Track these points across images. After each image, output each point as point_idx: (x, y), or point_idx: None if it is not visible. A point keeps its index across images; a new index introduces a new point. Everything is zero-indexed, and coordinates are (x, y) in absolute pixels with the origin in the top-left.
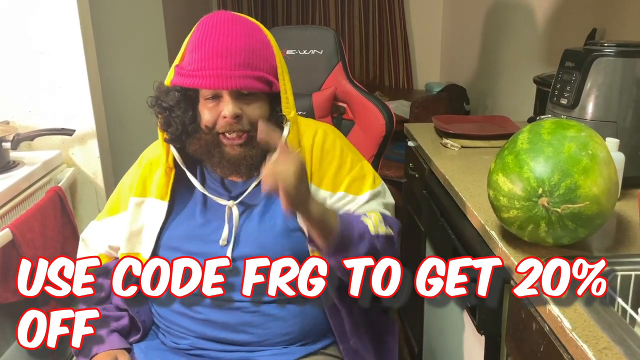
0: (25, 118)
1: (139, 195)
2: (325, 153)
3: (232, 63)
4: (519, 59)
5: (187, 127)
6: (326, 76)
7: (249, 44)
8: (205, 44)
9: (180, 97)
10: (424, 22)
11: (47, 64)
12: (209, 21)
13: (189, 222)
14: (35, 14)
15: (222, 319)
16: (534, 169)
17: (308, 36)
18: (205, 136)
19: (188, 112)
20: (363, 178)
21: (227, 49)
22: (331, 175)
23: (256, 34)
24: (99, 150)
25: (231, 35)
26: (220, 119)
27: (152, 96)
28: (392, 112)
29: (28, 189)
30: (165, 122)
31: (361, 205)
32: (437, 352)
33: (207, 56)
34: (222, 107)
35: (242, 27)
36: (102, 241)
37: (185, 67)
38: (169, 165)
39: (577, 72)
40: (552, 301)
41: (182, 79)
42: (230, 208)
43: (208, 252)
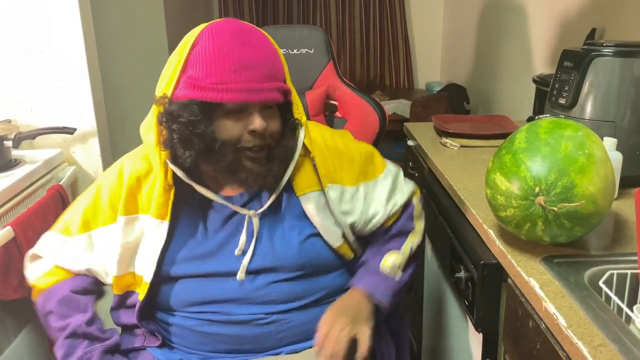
0: (26, 117)
1: (130, 214)
2: (339, 154)
3: (259, 76)
4: (519, 59)
5: (210, 144)
6: (318, 75)
7: (268, 55)
8: (228, 56)
9: (199, 112)
10: (424, 21)
11: (48, 62)
12: (221, 30)
13: (195, 239)
14: (37, 12)
15: (234, 333)
16: (531, 168)
17: (297, 35)
18: (229, 152)
19: (209, 128)
20: (372, 158)
21: (253, 61)
22: (347, 171)
23: (269, 44)
24: (100, 148)
25: (252, 46)
26: (246, 134)
27: (163, 112)
28: (384, 108)
29: (29, 187)
30: (185, 140)
31: (382, 182)
32: (436, 350)
33: (233, 69)
34: (250, 121)
35: (258, 37)
36: (79, 260)
37: (204, 80)
38: (168, 182)
39: (576, 72)
40: (548, 299)
41: (202, 93)
42: (251, 217)
43: (220, 267)
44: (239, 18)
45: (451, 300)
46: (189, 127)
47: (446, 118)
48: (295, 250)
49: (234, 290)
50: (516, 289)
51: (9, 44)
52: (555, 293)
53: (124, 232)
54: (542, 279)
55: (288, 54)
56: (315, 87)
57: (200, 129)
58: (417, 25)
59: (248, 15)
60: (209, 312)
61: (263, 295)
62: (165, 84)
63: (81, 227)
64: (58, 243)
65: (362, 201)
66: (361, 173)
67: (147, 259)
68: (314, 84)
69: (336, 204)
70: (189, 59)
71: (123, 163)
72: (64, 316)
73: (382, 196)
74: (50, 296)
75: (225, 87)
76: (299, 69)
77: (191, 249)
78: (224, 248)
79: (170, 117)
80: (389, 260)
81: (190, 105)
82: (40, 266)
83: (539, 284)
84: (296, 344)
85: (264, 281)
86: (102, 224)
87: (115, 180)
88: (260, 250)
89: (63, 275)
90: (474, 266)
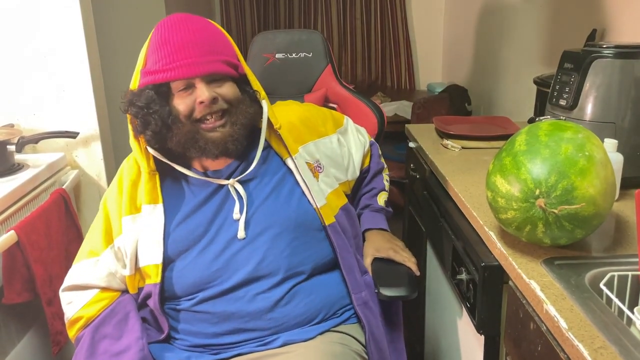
0: (29, 121)
1: (132, 213)
2: (309, 114)
3: (199, 51)
4: (520, 60)
5: (166, 120)
6: (316, 78)
7: (209, 35)
8: (169, 41)
9: (154, 95)
10: (425, 23)
11: (50, 67)
12: (167, 22)
13: (189, 215)
14: (39, 17)
15: (236, 309)
16: (531, 171)
17: (296, 39)
18: (185, 126)
19: (165, 107)
20: (331, 112)
21: (192, 41)
22: (322, 124)
23: (211, 26)
24: (102, 152)
25: (192, 29)
26: (197, 106)
27: (123, 101)
28: (382, 111)
29: (33, 191)
30: (144, 121)
31: (349, 129)
32: (439, 352)
33: (173, 50)
34: (197, 94)
35: (197, 22)
36: (117, 272)
37: (153, 66)
38: (152, 168)
39: (576, 74)
40: (549, 301)
41: (152, 77)
42: (233, 186)
43: (220, 232)
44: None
45: (453, 302)
46: (143, 109)
47: (447, 119)
48: (285, 207)
49: (237, 251)
50: (517, 291)
51: (11, 49)
52: (556, 295)
53: (131, 231)
54: (543, 281)
55: (287, 58)
56: (314, 90)
57: (153, 109)
58: (418, 26)
59: (249, 18)
60: (214, 288)
61: (265, 257)
62: (132, 81)
63: (104, 243)
64: (91, 266)
65: (337, 145)
66: (332, 124)
67: (151, 243)
68: (312, 87)
69: (316, 157)
70: (146, 54)
71: (122, 169)
72: (120, 338)
73: (354, 138)
74: (104, 321)
75: (170, 66)
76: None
77: (188, 224)
78: (219, 216)
79: (129, 104)
80: (381, 199)
81: (144, 90)
82: (80, 297)
83: (540, 286)
84: (297, 328)
85: (262, 239)
86: (117, 235)
87: (116, 193)
88: (254, 211)
89: (110, 298)
90: (475, 268)
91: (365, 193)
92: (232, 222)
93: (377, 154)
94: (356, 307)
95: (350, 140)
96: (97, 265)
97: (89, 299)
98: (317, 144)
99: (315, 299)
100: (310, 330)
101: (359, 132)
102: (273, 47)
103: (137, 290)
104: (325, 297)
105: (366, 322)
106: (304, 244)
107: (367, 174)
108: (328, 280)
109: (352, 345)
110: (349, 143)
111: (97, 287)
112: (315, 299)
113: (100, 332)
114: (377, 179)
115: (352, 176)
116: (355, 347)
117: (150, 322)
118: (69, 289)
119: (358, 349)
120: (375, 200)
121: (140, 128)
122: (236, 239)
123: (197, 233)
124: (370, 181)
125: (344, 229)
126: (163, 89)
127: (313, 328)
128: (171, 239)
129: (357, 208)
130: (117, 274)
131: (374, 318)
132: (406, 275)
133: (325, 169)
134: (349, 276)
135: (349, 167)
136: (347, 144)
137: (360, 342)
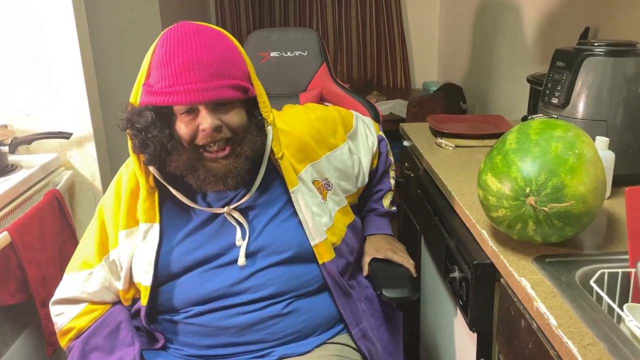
0: (23, 122)
1: (130, 227)
2: (320, 125)
3: (204, 75)
4: (515, 58)
5: (165, 146)
6: (311, 77)
7: (218, 54)
8: (173, 60)
9: (155, 117)
10: (421, 21)
11: (44, 67)
12: (173, 35)
13: (186, 236)
14: (32, 18)
15: (231, 324)
16: (522, 169)
17: (291, 38)
18: (186, 152)
19: (165, 131)
20: (347, 113)
21: (197, 62)
22: (332, 134)
23: (223, 42)
24: (96, 152)
25: (199, 47)
26: (200, 132)
27: (124, 119)
28: (377, 110)
29: (26, 192)
30: (142, 143)
31: (359, 130)
32: (433, 350)
33: (177, 71)
34: (200, 120)
35: (208, 37)
36: (111, 285)
37: (155, 85)
38: (151, 185)
39: (568, 72)
40: (539, 298)
41: (153, 98)
42: (230, 213)
43: (220, 261)
44: (235, 21)
45: (446, 300)
46: (142, 132)
47: (441, 118)
48: (284, 235)
49: (235, 277)
50: (508, 289)
51: (4, 50)
52: (547, 293)
53: (127, 246)
54: (534, 279)
55: (282, 56)
56: (309, 89)
57: (153, 134)
58: (413, 25)
59: (244, 17)
60: (211, 304)
61: (262, 283)
62: (133, 93)
63: (98, 255)
64: (82, 280)
65: (348, 156)
66: (342, 130)
67: (144, 263)
68: (307, 85)
69: (325, 175)
70: (150, 66)
71: (120, 176)
72: (112, 351)
73: (363, 141)
74: (95, 332)
75: (173, 89)
76: (292, 71)
77: (185, 246)
78: (217, 240)
79: (128, 123)
80: (387, 201)
81: (144, 110)
82: (70, 309)
83: (531, 283)
84: (292, 343)
85: (262, 267)
86: (112, 247)
87: (113, 202)
88: (255, 238)
89: (101, 309)
90: (468, 266)
91: (372, 195)
92: (231, 248)
93: (385, 151)
94: (356, 342)
95: (360, 145)
96: (90, 280)
97: (80, 311)
98: (329, 158)
99: (314, 316)
100: (307, 343)
101: (367, 129)
102: (268, 45)
103: (131, 302)
104: (324, 315)
105: (367, 354)
106: (303, 270)
107: (374, 175)
108: (326, 298)
109: (350, 355)
110: (358, 149)
111: (88, 301)
112: (314, 315)
113: (90, 343)
114: (384, 180)
115: (362, 184)
116: (354, 357)
117: (143, 331)
118: (59, 302)
119: (356, 357)
120: (381, 204)
121: (138, 149)
122: (235, 266)
123: (194, 256)
124: (377, 182)
125: (352, 249)
126: (165, 111)
127: (309, 341)
128: (165, 262)
129: (363, 209)
130: (110, 288)
131: (373, 346)
132: (406, 276)
133: (334, 187)
134: (345, 311)
135: (359, 175)
136: (357, 150)
137: (356, 350)
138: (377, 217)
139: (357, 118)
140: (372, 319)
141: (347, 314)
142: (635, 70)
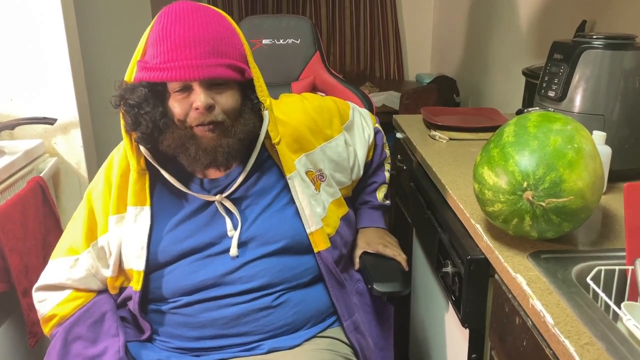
0: (5, 106)
1: (120, 212)
2: (317, 115)
3: (201, 52)
4: (509, 51)
5: (158, 123)
6: (304, 65)
7: (216, 32)
8: (170, 36)
9: (148, 93)
10: (415, 13)
11: (28, 51)
12: (171, 12)
13: (179, 221)
14: (17, 1)
15: (219, 315)
16: (519, 163)
17: (284, 25)
18: (179, 130)
19: (158, 108)
20: (336, 107)
21: (194, 39)
22: (328, 125)
23: (221, 22)
24: (82, 139)
25: (196, 25)
26: (192, 111)
27: (116, 95)
28: (371, 100)
29: (8, 179)
30: (134, 121)
31: (355, 121)
32: (423, 344)
33: (173, 47)
34: (193, 99)
35: (206, 15)
36: (98, 272)
37: (150, 61)
38: (142, 167)
39: (565, 65)
40: (535, 296)
41: (147, 74)
42: (221, 202)
43: (209, 242)
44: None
45: (438, 295)
46: (134, 108)
47: (435, 110)
48: (278, 224)
49: (226, 268)
50: (503, 285)
51: None
52: (543, 290)
53: (117, 231)
54: (529, 275)
55: (274, 44)
56: (301, 77)
57: (145, 110)
58: (407, 16)
59: (237, 4)
60: (200, 294)
61: (254, 274)
62: (128, 71)
63: (85, 242)
64: (68, 266)
65: (343, 148)
66: (338, 121)
67: (135, 247)
68: (300, 74)
69: (319, 166)
70: (146, 43)
71: (111, 159)
72: (95, 341)
73: (359, 133)
74: (78, 321)
75: (167, 65)
76: (285, 59)
77: (177, 233)
78: (210, 228)
79: (121, 100)
80: (381, 193)
81: (138, 87)
82: (54, 296)
83: (526, 280)
84: (282, 336)
85: (255, 257)
86: (101, 233)
87: (103, 187)
88: (247, 227)
89: (85, 297)
90: (461, 261)
91: (365, 187)
92: (223, 237)
93: (381, 143)
94: (347, 334)
95: (355, 136)
96: (76, 266)
97: (64, 298)
98: (324, 149)
99: (305, 308)
100: (297, 337)
101: (364, 121)
102: (260, 32)
103: (118, 291)
104: (315, 308)
105: (358, 347)
106: (296, 261)
107: (369, 167)
108: (319, 291)
109: (340, 350)
110: (354, 141)
111: (73, 288)
112: (305, 307)
113: (73, 332)
114: (379, 172)
115: (357, 176)
116: (344, 351)
117: (129, 322)
118: (43, 288)
119: (347, 352)
120: (375, 197)
121: (131, 127)
122: (227, 256)
123: (185, 245)
124: (371, 175)
125: (346, 241)
126: (158, 88)
127: (299, 335)
128: (157, 247)
129: (356, 202)
130: (97, 275)
131: (364, 340)
132: (398, 270)
133: (327, 178)
134: (339, 303)
135: (354, 167)
136: (353, 142)
137: (346, 344)
138: (370, 209)
139: (353, 109)
140: (364, 312)
141: (341, 306)
142: (633, 64)
